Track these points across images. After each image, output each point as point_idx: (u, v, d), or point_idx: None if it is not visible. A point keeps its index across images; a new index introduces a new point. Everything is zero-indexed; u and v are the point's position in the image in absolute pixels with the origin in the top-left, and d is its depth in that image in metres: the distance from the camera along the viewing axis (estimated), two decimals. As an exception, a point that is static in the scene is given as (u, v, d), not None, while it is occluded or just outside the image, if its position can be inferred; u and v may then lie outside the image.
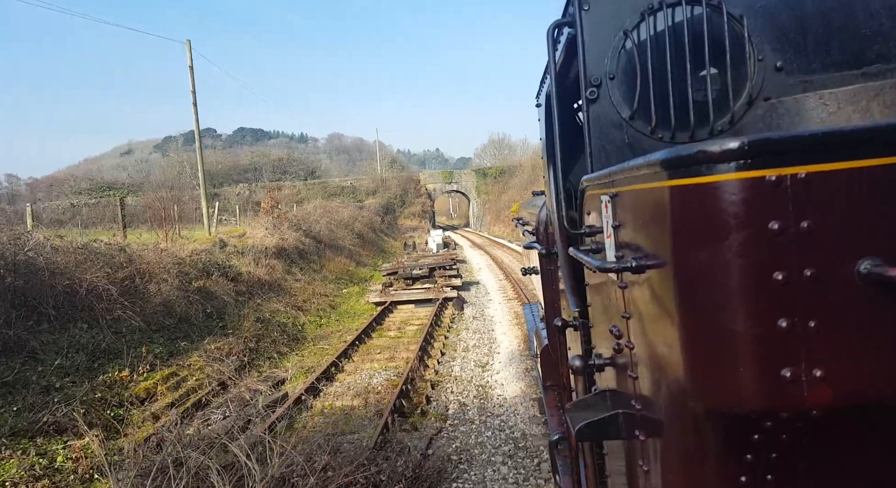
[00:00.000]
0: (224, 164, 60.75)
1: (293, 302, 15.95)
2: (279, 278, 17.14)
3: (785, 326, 1.15)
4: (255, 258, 16.99)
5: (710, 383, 1.27)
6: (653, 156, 1.35)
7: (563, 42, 2.75)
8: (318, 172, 67.79)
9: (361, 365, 11.45)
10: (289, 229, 21.84)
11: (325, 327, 15.31)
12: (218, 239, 17.25)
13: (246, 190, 56.28)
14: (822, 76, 2.30)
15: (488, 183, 59.58)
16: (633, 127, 2.46)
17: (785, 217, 1.13)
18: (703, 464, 1.41)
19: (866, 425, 1.27)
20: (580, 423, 1.94)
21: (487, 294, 19.83)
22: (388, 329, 14.65)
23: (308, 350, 13.11)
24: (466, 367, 11.16)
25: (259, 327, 12.93)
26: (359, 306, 18.04)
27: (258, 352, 11.93)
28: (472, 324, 14.93)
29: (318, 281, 19.12)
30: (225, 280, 14.38)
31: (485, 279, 23.29)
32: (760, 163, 1.14)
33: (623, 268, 1.60)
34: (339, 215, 32.83)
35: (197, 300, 12.34)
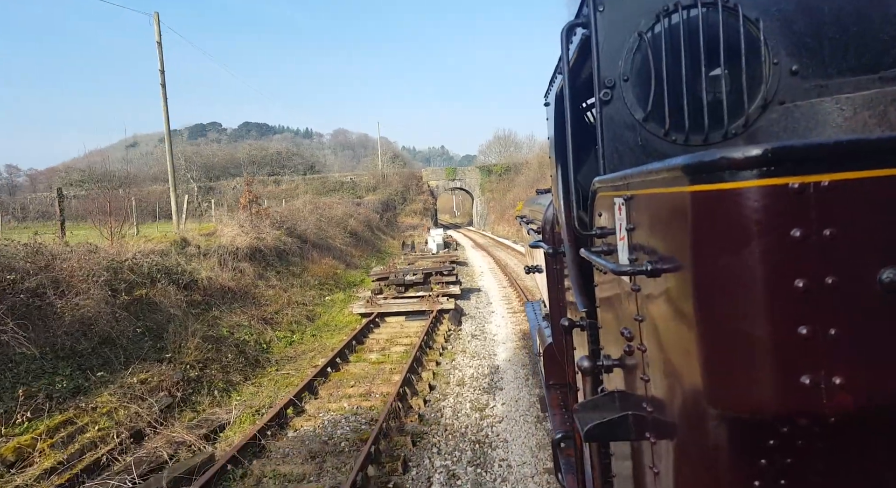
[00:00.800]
0: (221, 157, 58.33)
1: (261, 313, 13.44)
2: (248, 284, 14.64)
3: (805, 333, 1.14)
4: (220, 260, 14.49)
5: (727, 388, 1.25)
6: (674, 160, 1.33)
7: (575, 43, 2.68)
8: (317, 167, 65.25)
9: (328, 403, 8.93)
10: (270, 227, 19.35)
11: (296, 345, 12.80)
12: (180, 237, 14.76)
13: (242, 184, 53.80)
14: (838, 80, 2.24)
15: (493, 180, 56.98)
16: (646, 129, 2.40)
17: (807, 224, 1.13)
18: (715, 468, 1.38)
19: (883, 433, 1.25)
20: (589, 424, 1.91)
21: (489, 304, 17.30)
22: (370, 349, 12.14)
23: (268, 378, 10.61)
24: (461, 410, 8.63)
25: (208, 348, 10.43)
26: (341, 317, 15.53)
27: (201, 383, 9.42)
28: (470, 345, 12.40)
29: (296, 287, 16.60)
30: (175, 288, 11.88)
31: (487, 286, 20.75)
32: (783, 171, 1.13)
33: (638, 271, 1.56)
34: (333, 212, 30.35)
35: (126, 316, 9.83)
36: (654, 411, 1.68)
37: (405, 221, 49.46)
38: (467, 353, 11.75)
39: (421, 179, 58.24)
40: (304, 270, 18.14)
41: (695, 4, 2.30)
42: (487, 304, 17.26)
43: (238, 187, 52.66)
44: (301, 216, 24.44)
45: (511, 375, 10.13)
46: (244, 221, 18.10)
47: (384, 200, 51.00)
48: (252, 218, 18.75)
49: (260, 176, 57.92)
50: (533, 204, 7.04)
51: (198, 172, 54.78)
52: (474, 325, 14.41)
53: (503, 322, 14.62)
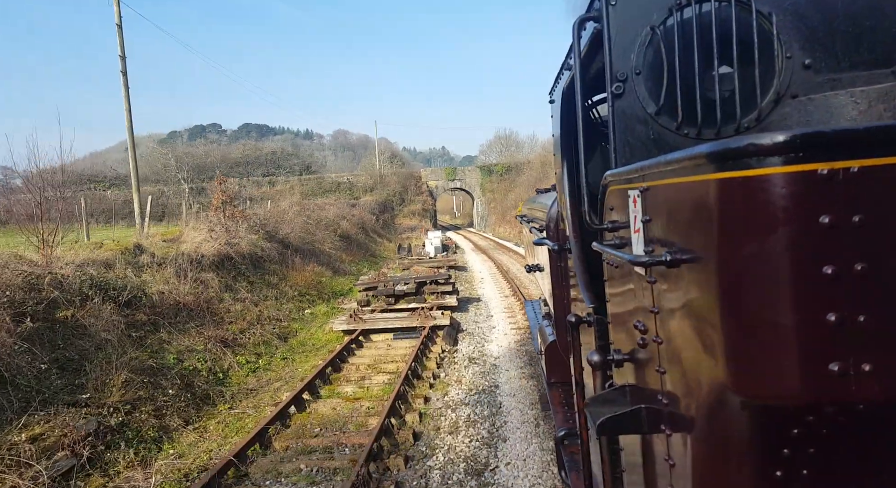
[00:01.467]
0: (214, 158, 56.26)
1: (222, 333, 11.35)
2: (211, 298, 12.55)
3: (834, 320, 1.13)
4: (178, 270, 12.41)
5: (753, 376, 1.23)
6: (699, 148, 1.31)
7: (586, 37, 2.65)
8: (314, 167, 63.15)
9: (280, 464, 6.83)
10: (246, 231, 17.27)
11: (261, 373, 10.71)
12: (134, 244, 12.69)
13: (236, 185, 51.74)
14: (851, 74, 2.22)
15: (493, 180, 54.87)
16: (658, 123, 2.38)
17: (836, 211, 1.11)
18: (736, 458, 1.36)
19: None
20: (602, 418, 1.90)
21: (490, 317, 15.21)
22: (347, 379, 10.04)
23: (217, 419, 8.53)
24: (452, 475, 6.54)
25: (142, 383, 8.35)
26: (321, 335, 13.44)
27: (122, 433, 7.34)
28: (466, 373, 10.31)
29: (271, 299, 14.50)
30: (112, 306, 9.80)
31: (487, 295, 18.65)
32: (812, 157, 1.12)
33: (656, 261, 1.55)
34: (323, 214, 28.29)
35: (27, 348, 7.74)
36: (671, 403, 1.66)
37: (403, 223, 47.38)
38: (463, 385, 9.65)
39: (420, 179, 56.14)
40: (282, 279, 16.05)
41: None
42: (488, 318, 15.17)
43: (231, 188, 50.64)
44: (286, 218, 22.36)
45: (517, 418, 8.04)
46: (215, 225, 16.02)
47: (381, 201, 48.93)
48: (225, 221, 16.67)
49: (254, 177, 55.88)
50: (533, 203, 6.84)
51: (190, 173, 52.70)
52: (472, 345, 12.32)
53: (506, 340, 12.53)
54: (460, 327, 14.07)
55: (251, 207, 24.64)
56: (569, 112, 3.27)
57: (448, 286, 16.54)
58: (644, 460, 1.99)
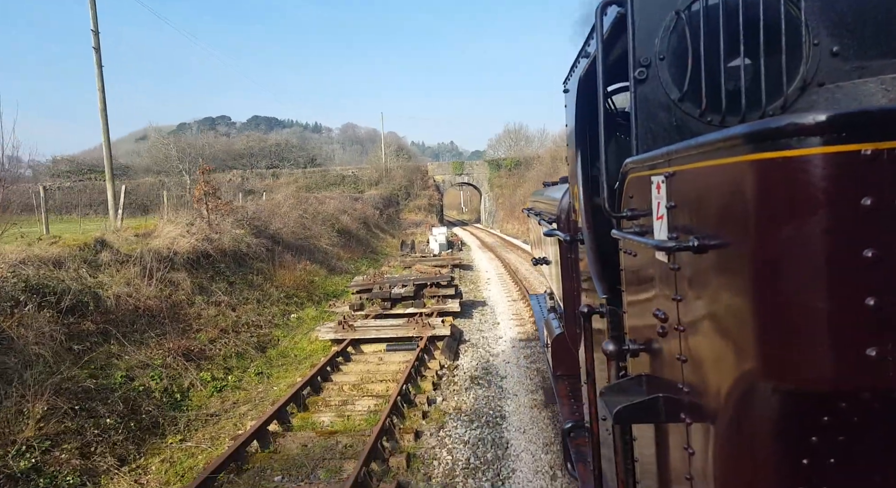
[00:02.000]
0: (218, 149, 54.75)
1: (189, 343, 9.79)
2: (180, 302, 10.99)
3: (873, 304, 1.09)
4: (144, 270, 10.85)
5: (786, 362, 1.20)
6: (735, 129, 1.27)
7: (607, 22, 2.57)
8: (319, 160, 61.61)
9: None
10: (232, 226, 15.71)
11: (228, 392, 9.13)
12: (95, 239, 11.14)
13: (239, 177, 50.34)
14: (880, 62, 2.15)
15: (502, 175, 53.10)
16: (681, 109, 2.32)
17: (879, 193, 1.08)
18: (761, 446, 1.33)
19: None
20: (619, 406, 1.86)
21: (496, 325, 13.59)
22: (327, 404, 8.44)
23: (163, 456, 6.95)
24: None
25: (71, 412, 6.79)
26: (305, 344, 11.86)
27: (27, 484, 5.77)
28: (468, 398, 8.70)
29: (252, 302, 12.92)
30: (51, 314, 8.25)
31: (494, 298, 17.02)
32: (856, 137, 1.08)
33: (683, 247, 1.51)
34: (323, 208, 26.71)
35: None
36: (692, 391, 1.63)
37: (408, 218, 45.76)
38: (463, 414, 8.04)
39: (426, 174, 54.45)
40: (267, 279, 14.47)
41: None
42: (494, 325, 13.54)
43: (234, 180, 49.26)
44: (280, 212, 20.78)
45: (528, 465, 6.42)
46: (196, 218, 14.46)
47: (386, 195, 47.34)
48: (208, 214, 15.11)
49: (258, 169, 54.44)
50: (540, 196, 6.77)
51: (192, 164, 51.30)
52: (476, 360, 10.71)
53: (514, 355, 10.90)
54: (462, 336, 12.46)
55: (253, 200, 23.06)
56: (586, 99, 3.22)
57: (450, 289, 14.92)
58: (658, 450, 1.96)
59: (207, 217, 15.09)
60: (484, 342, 12.02)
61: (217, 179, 50.80)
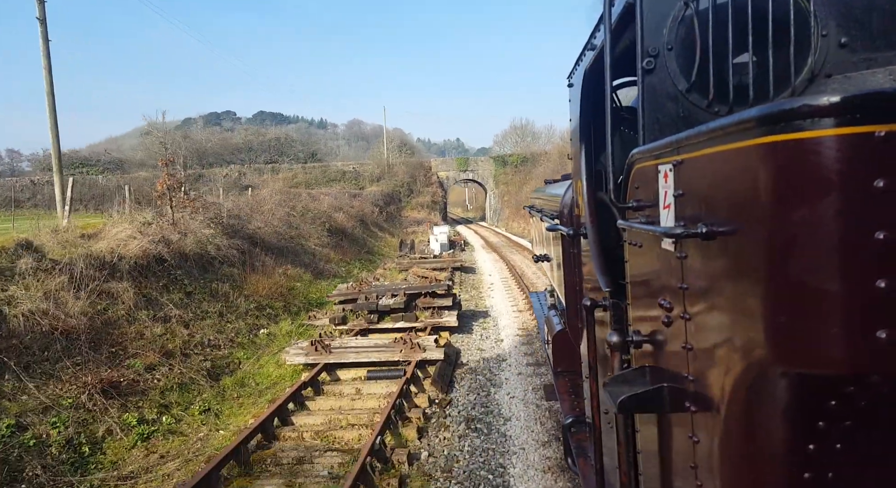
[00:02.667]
0: (214, 143, 52.79)
1: (116, 373, 7.81)
2: (116, 319, 9.01)
3: (884, 287, 1.08)
4: (74, 279, 8.89)
5: (796, 345, 1.19)
6: (747, 112, 1.25)
7: (616, 12, 2.57)
8: (319, 155, 59.60)
9: None
10: (202, 225, 13.74)
11: (158, 440, 7.13)
12: (17, 241, 9.18)
13: (235, 171, 48.47)
14: (889, 53, 2.12)
15: (508, 172, 51.01)
16: (688, 100, 2.30)
17: (892, 174, 1.06)
18: (768, 433, 1.31)
19: None
20: (622, 396, 1.86)
21: (499, 341, 11.60)
22: (277, 462, 6.42)
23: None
24: None
25: None
26: (272, 368, 9.86)
27: None
28: (461, 451, 6.68)
29: (212, 315, 10.93)
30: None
31: (498, 307, 14.99)
32: (869, 118, 1.06)
33: (691, 234, 1.51)
34: (315, 205, 24.73)
35: None
36: (697, 380, 1.63)
37: (410, 215, 43.78)
38: (454, 479, 6.03)
39: (430, 170, 52.39)
40: (237, 287, 12.46)
41: None
42: (496, 343, 11.54)
43: (230, 175, 47.42)
44: (264, 209, 18.79)
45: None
46: (154, 217, 12.48)
47: (388, 192, 45.38)
48: (171, 212, 13.12)
49: (257, 164, 52.55)
50: (542, 193, 6.78)
51: (190, 159, 49.47)
52: (473, 393, 8.70)
53: (520, 385, 8.89)
54: (459, 358, 10.46)
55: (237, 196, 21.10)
56: (592, 91, 3.27)
57: (447, 299, 12.92)
58: (661, 440, 1.96)
59: (172, 215, 13.12)
60: (484, 366, 10.01)
61: (214, 173, 49.02)
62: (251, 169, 49.97)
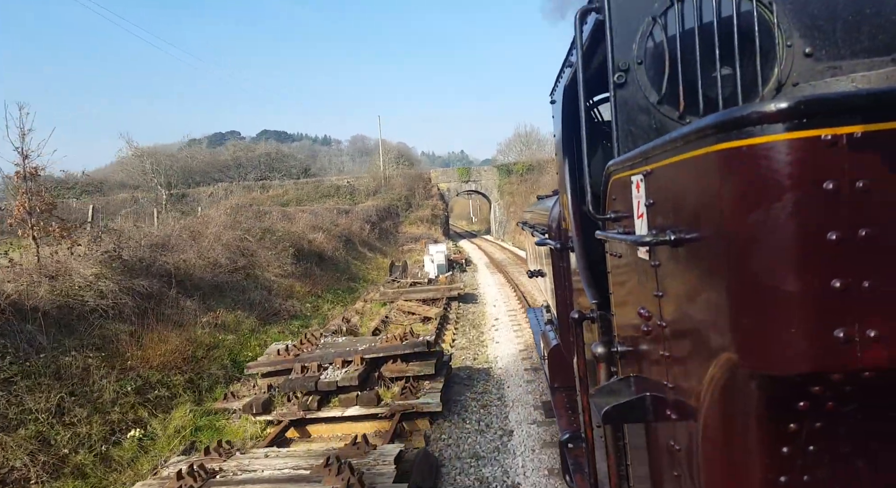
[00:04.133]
0: (200, 160, 48.98)
1: None
2: None
3: (839, 286, 1.09)
4: None
5: (759, 346, 1.19)
6: (703, 120, 1.26)
7: (588, 29, 2.60)
8: (312, 170, 55.68)
9: None
10: (88, 263, 9.57)
11: None
12: None
13: (221, 190, 44.60)
14: (852, 62, 2.20)
15: (513, 182, 46.77)
16: (660, 112, 2.33)
17: (840, 176, 1.08)
18: (742, 436, 1.31)
19: None
20: (607, 406, 1.84)
21: (508, 435, 7.31)
22: None
23: None
24: None
25: None
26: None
27: None
28: None
29: (39, 414, 6.68)
30: None
31: (505, 359, 10.66)
32: (816, 123, 1.08)
33: (660, 241, 1.53)
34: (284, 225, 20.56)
35: None
36: (676, 386, 1.61)
37: (408, 231, 39.59)
38: None
39: (430, 182, 48.23)
40: (115, 355, 8.26)
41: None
42: (500, 437, 7.25)
43: (216, 194, 43.55)
44: (207, 233, 14.61)
45: None
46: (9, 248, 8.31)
47: (384, 207, 41.25)
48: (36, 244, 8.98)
49: (246, 181, 48.65)
50: (534, 209, 6.80)
51: (175, 178, 45.71)
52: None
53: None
54: (438, 470, 6.17)
55: (176, 218, 16.95)
56: (571, 108, 3.27)
57: (428, 363, 8.64)
58: (649, 450, 1.92)
59: (36, 250, 8.97)
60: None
61: (199, 193, 45.23)
62: (240, 186, 46.09)
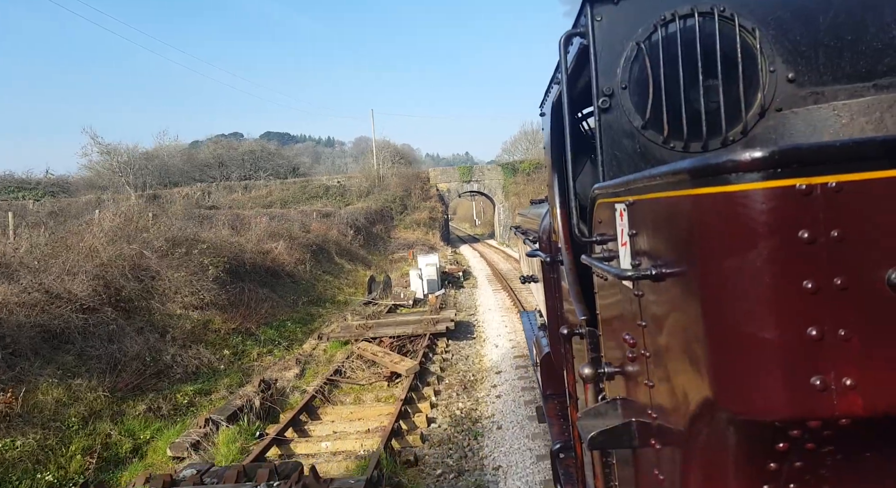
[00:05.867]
0: (178, 159, 44.46)
1: None
2: None
3: (815, 335, 1.08)
4: None
5: (736, 391, 1.17)
6: (679, 164, 1.27)
7: (573, 52, 2.64)
8: (301, 169, 51.07)
9: None
10: None
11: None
12: None
13: (199, 191, 40.04)
14: (834, 88, 2.20)
15: (519, 181, 42.01)
16: (644, 136, 2.32)
17: (815, 226, 1.08)
18: (723, 473, 1.29)
19: (895, 435, 1.16)
20: (593, 432, 1.83)
21: None
22: None
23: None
24: None
25: None
26: None
27: None
28: None
29: None
30: None
31: (518, 465, 5.96)
32: (790, 172, 1.08)
33: (642, 276, 1.51)
34: (224, 235, 15.90)
35: None
36: (659, 416, 1.59)
37: (401, 236, 34.93)
38: None
39: (428, 182, 43.55)
40: None
41: (692, 14, 2.25)
42: None
43: (192, 195, 38.97)
44: (81, 248, 9.97)
45: None
46: None
47: (376, 209, 36.61)
48: None
49: (229, 181, 44.09)
50: (527, 214, 6.85)
51: (151, 178, 41.23)
52: None
53: None
54: None
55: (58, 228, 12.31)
56: (558, 126, 3.25)
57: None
58: (636, 474, 1.91)
59: None
60: None
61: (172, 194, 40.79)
62: (221, 187, 41.52)
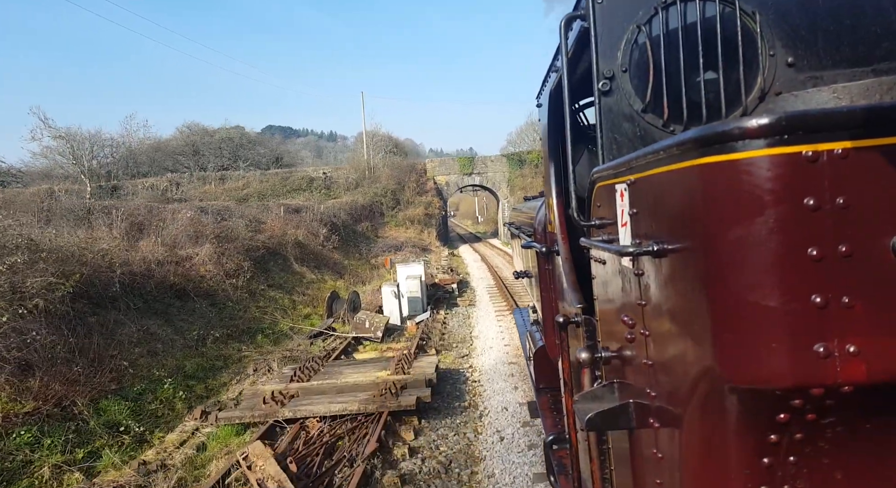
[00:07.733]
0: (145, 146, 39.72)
1: None
2: None
3: (819, 302, 1.07)
4: None
5: (739, 360, 1.16)
6: (685, 134, 1.25)
7: (573, 35, 2.58)
8: (286, 159, 46.19)
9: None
10: None
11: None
12: None
13: (166, 182, 35.26)
14: (833, 72, 2.17)
15: (525, 174, 37.10)
16: (644, 119, 2.30)
17: (820, 193, 1.06)
18: (723, 446, 1.29)
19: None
20: (590, 413, 1.82)
21: None
22: None
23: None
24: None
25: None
26: None
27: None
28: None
29: None
30: None
31: None
32: (797, 139, 1.06)
33: (643, 251, 1.50)
34: (119, 244, 11.18)
35: None
36: (659, 395, 1.59)
37: (392, 235, 30.11)
38: None
39: (424, 174, 38.67)
40: None
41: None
42: None
43: (157, 186, 34.17)
44: None
45: None
46: None
47: (363, 204, 31.80)
48: None
49: (204, 171, 39.30)
50: (521, 210, 6.85)
51: (116, 167, 36.50)
52: None
53: None
54: None
55: None
56: (556, 113, 3.23)
57: None
58: (632, 456, 1.91)
59: None
60: None
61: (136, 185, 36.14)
62: (193, 178, 36.73)
